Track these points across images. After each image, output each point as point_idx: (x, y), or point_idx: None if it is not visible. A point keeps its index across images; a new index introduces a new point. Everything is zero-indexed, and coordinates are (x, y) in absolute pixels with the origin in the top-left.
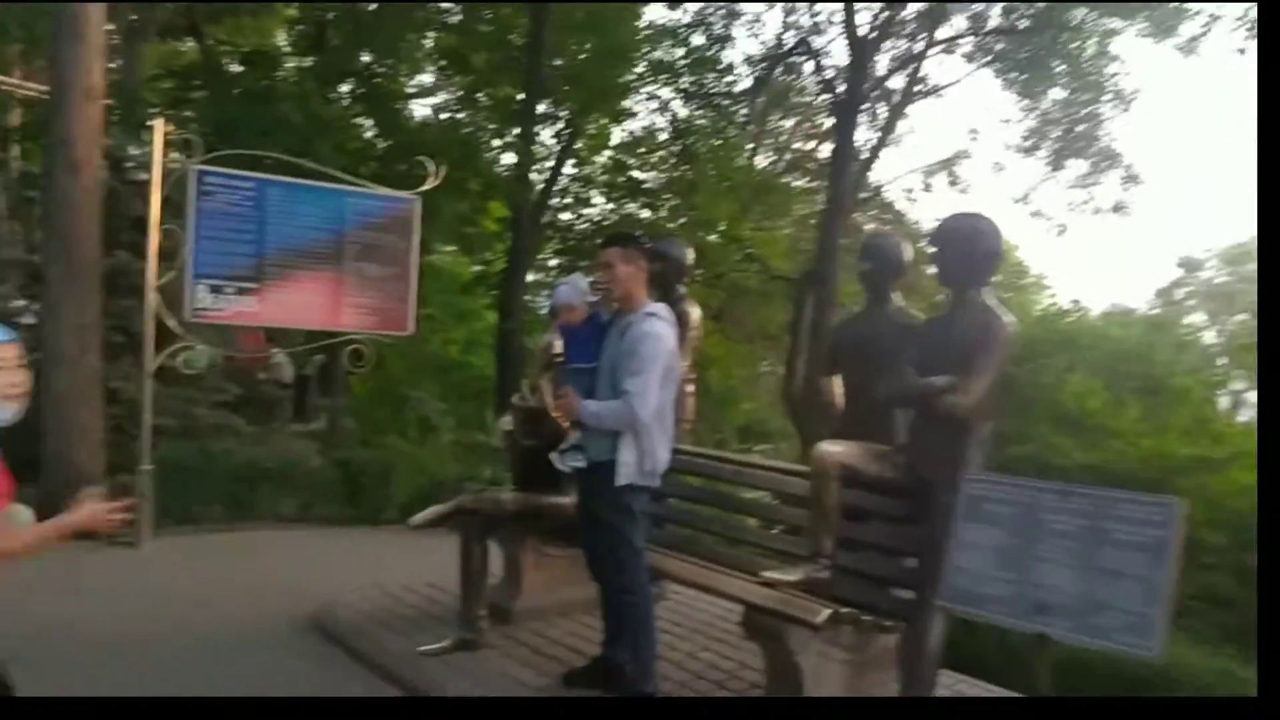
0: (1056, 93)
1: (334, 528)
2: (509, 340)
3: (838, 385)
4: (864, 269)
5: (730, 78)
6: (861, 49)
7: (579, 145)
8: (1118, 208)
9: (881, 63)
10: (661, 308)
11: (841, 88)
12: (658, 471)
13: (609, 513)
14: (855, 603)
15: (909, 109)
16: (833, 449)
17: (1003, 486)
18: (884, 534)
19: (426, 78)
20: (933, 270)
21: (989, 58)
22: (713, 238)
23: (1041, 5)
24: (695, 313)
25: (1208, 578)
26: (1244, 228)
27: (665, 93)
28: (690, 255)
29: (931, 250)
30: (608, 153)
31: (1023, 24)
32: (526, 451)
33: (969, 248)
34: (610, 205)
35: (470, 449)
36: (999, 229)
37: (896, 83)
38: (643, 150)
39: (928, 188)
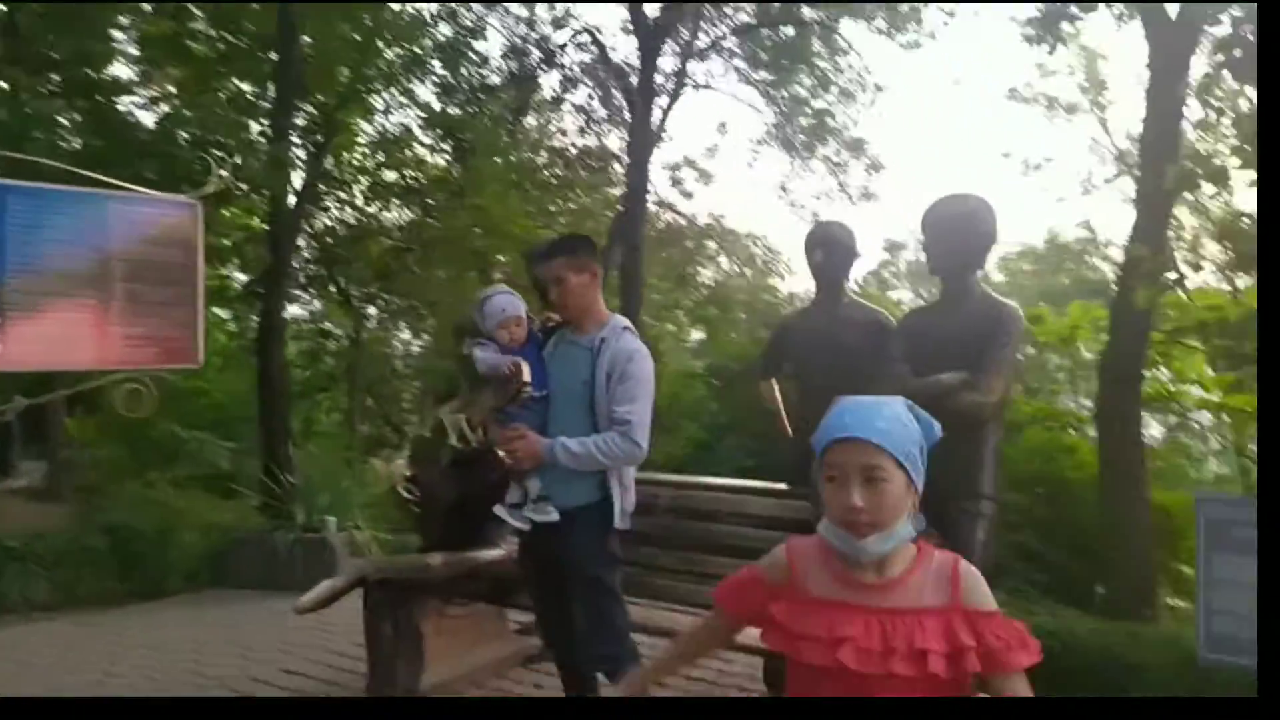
0: (804, 86)
1: (102, 609)
2: (270, 364)
3: (777, 389)
4: (816, 259)
5: (487, 69)
6: (651, 40)
7: (335, 143)
8: (866, 195)
9: (665, 57)
10: (626, 319)
11: (634, 79)
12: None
13: (594, 566)
14: None
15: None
16: None
17: (1248, 506)
18: None
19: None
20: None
21: (739, 54)
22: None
23: (787, 4)
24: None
25: (1015, 537)
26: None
27: (424, 88)
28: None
29: (923, 236)
30: (363, 151)
31: (774, 25)
32: (453, 504)
33: (964, 231)
34: (375, 208)
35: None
36: (993, 209)
37: (667, 77)
38: (406, 148)
39: (676, 182)
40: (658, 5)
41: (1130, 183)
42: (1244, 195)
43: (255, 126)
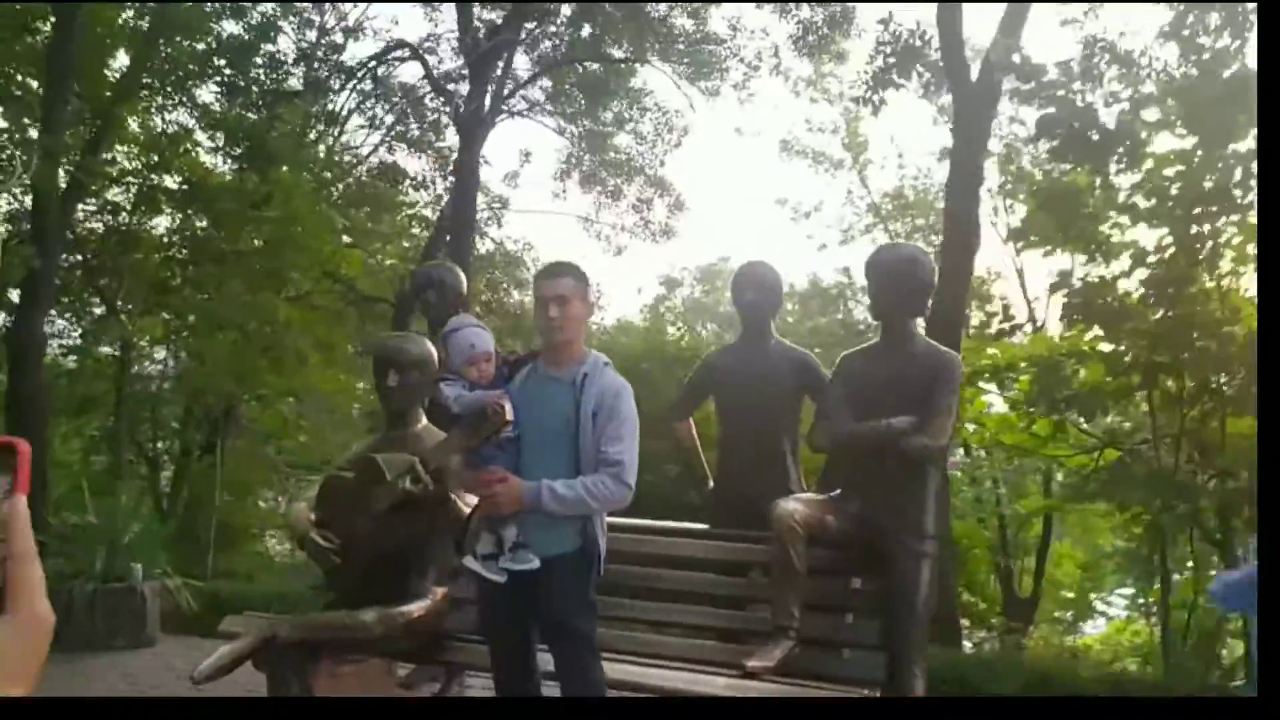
0: (610, 123)
1: None
2: (22, 382)
3: (692, 428)
4: (748, 298)
5: (282, 73)
6: (482, 60)
7: (110, 143)
8: (666, 231)
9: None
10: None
11: (461, 97)
12: None
13: (575, 617)
14: (825, 675)
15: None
16: (795, 506)
17: None
18: (842, 595)
19: None
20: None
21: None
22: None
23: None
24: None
25: None
26: (720, 249)
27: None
28: (464, 279)
29: (867, 282)
30: (135, 150)
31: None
32: (384, 554)
33: (905, 278)
34: (148, 215)
35: None
36: (931, 259)
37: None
38: (185, 150)
39: (503, 204)
40: (488, 23)
41: (883, 233)
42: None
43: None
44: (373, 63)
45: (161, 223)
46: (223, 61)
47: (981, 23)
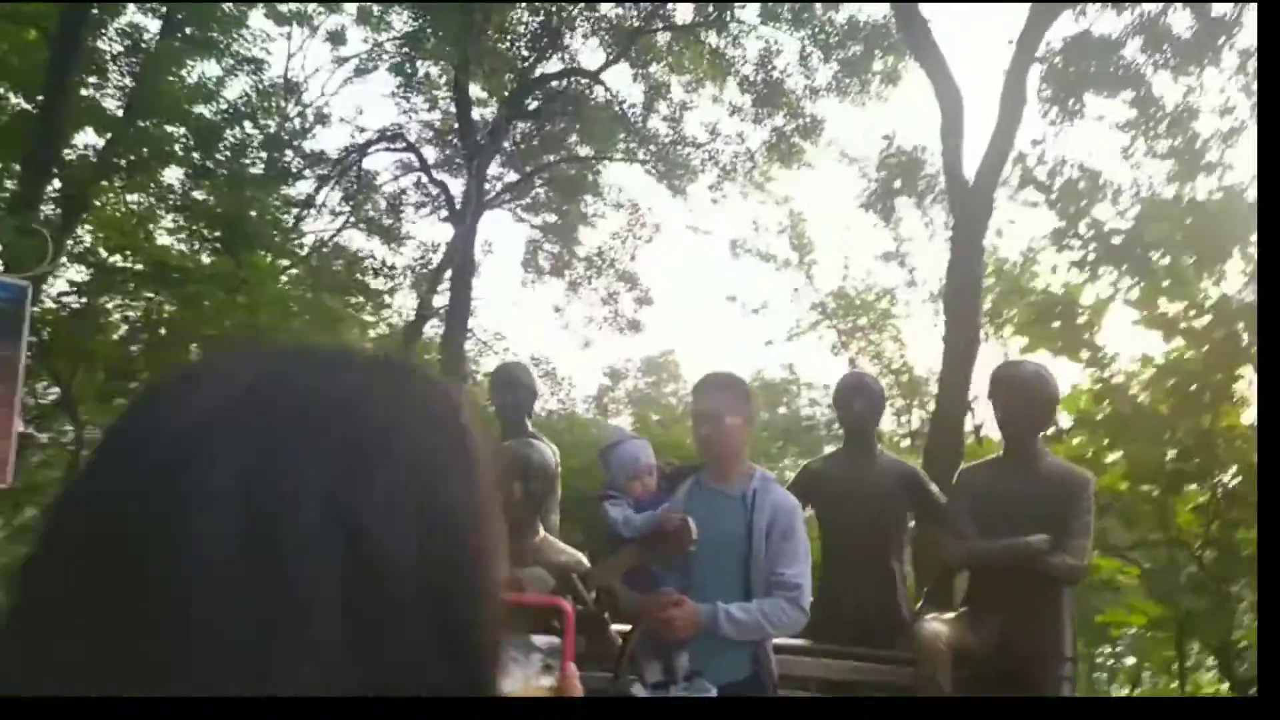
0: (582, 217)
1: None
2: None
3: None
4: (856, 409)
5: (252, 157)
6: (485, 154)
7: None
8: (633, 325)
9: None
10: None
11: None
12: None
13: None
14: None
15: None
16: (940, 628)
17: None
18: None
19: None
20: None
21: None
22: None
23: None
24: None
25: None
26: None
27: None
28: (537, 381)
29: (992, 399)
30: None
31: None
32: None
33: (1032, 394)
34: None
35: None
36: (1053, 375)
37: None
38: (152, 231)
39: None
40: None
41: (827, 330)
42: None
43: None
44: (353, 154)
45: (125, 305)
46: (191, 144)
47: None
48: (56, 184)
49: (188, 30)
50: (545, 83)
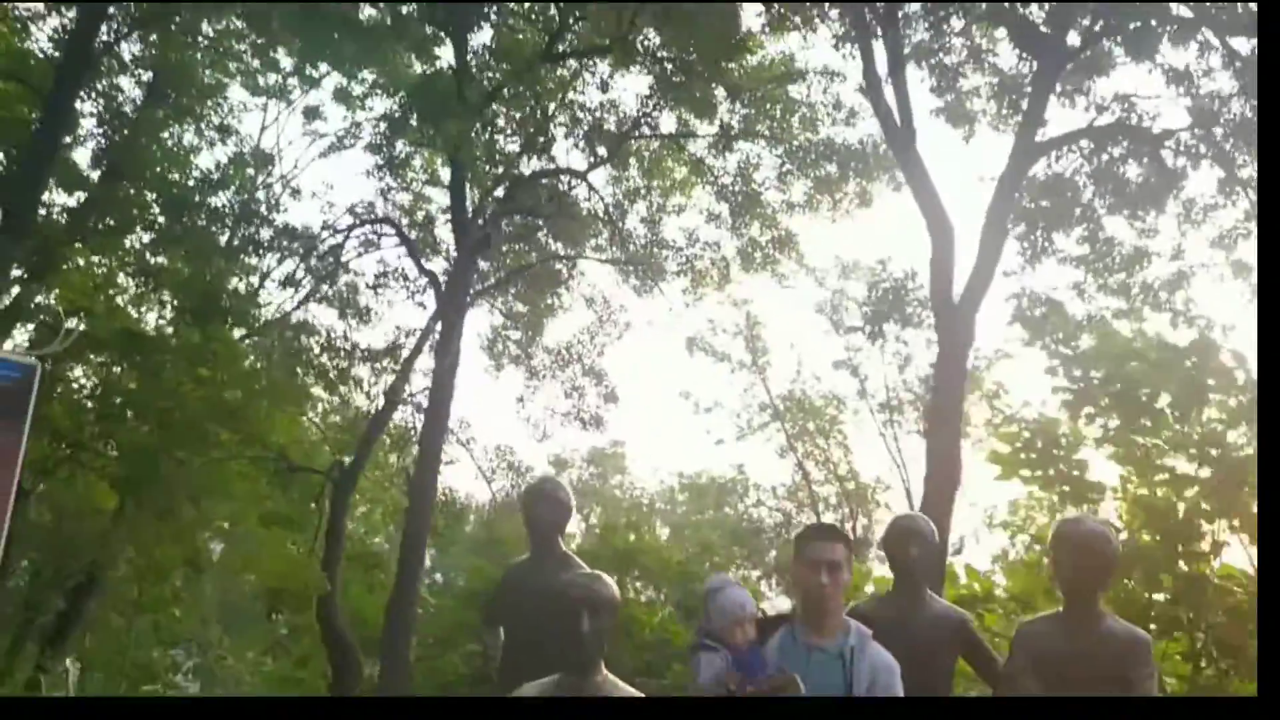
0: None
1: None
2: None
3: None
4: (911, 554)
5: (220, 226)
6: (477, 245)
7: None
8: (596, 420)
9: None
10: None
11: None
12: None
13: None
14: None
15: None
16: None
17: None
18: None
19: None
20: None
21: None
22: None
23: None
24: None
25: None
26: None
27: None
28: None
29: (1055, 554)
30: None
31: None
32: None
33: (1097, 554)
34: (86, 366)
35: None
36: (1114, 531)
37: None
38: (117, 297)
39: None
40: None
41: (777, 432)
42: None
43: None
44: (335, 232)
45: (82, 371)
46: (162, 211)
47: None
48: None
49: (171, 95)
50: (536, 180)
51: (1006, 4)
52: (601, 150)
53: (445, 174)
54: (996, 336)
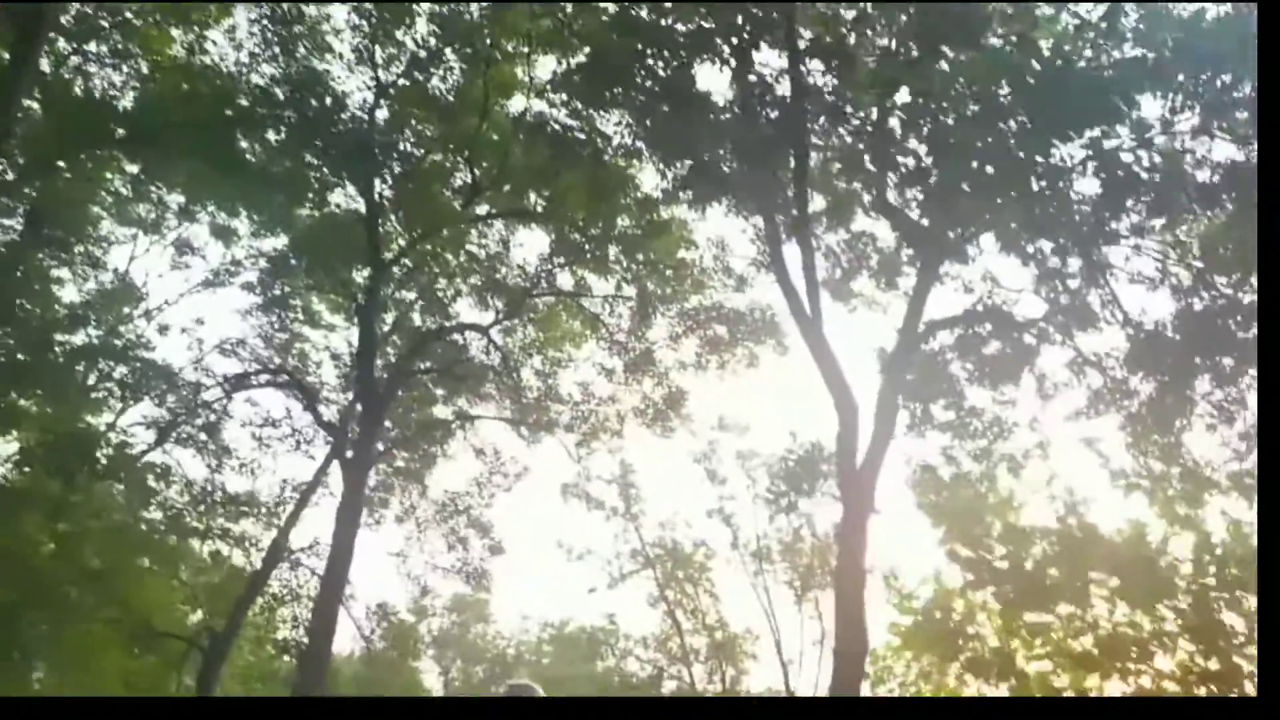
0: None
1: None
2: None
3: None
4: None
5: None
6: (380, 401)
7: None
8: (479, 574)
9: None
10: None
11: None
12: None
13: None
14: None
15: None
16: None
17: None
18: None
19: None
20: None
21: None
22: None
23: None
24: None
25: None
26: None
27: None
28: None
29: None
30: None
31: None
32: None
33: None
34: None
35: None
36: None
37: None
38: None
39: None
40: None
41: (649, 580)
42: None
43: None
44: (207, 376)
45: None
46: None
47: None
48: None
49: (45, 230)
50: (437, 335)
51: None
52: (499, 304)
53: (330, 318)
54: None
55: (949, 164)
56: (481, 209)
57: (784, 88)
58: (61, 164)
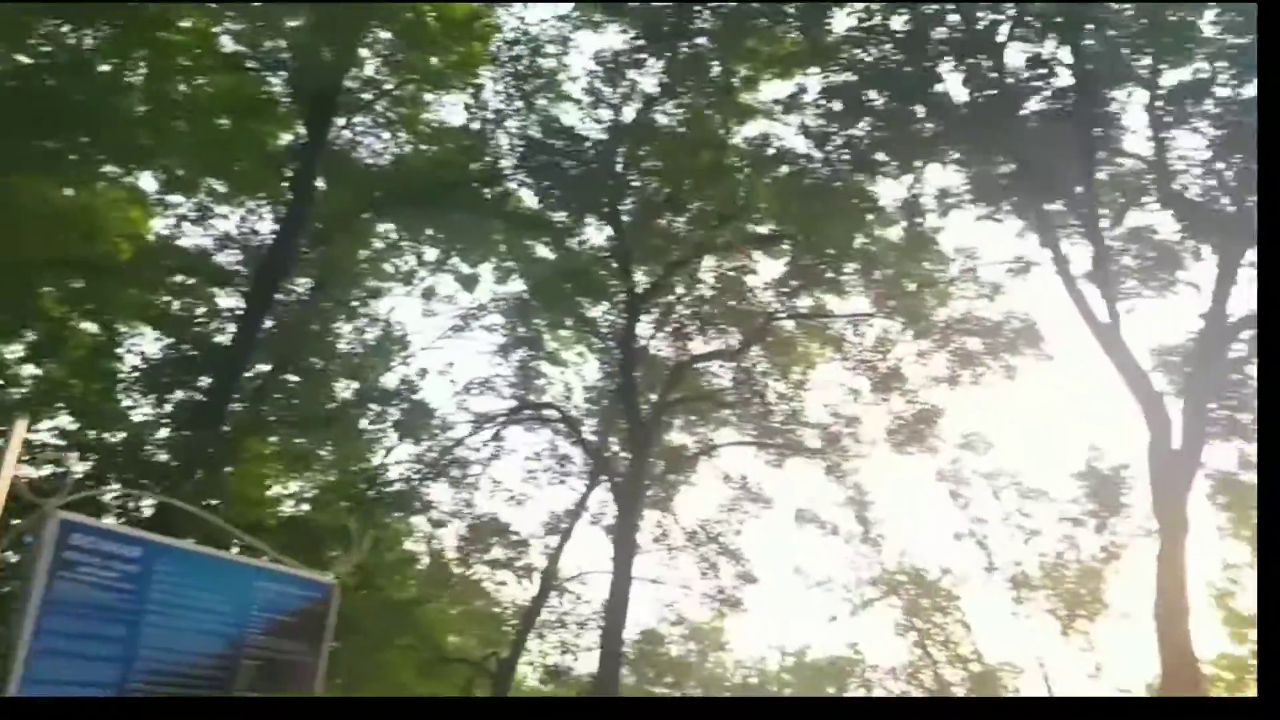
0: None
1: None
2: None
3: None
4: None
5: None
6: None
7: None
8: (733, 602)
9: None
10: None
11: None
12: None
13: None
14: None
15: None
16: None
17: None
18: None
19: None
20: None
21: None
22: None
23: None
24: None
25: None
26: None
27: None
28: None
29: None
30: None
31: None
32: None
33: None
34: None
35: None
36: None
37: None
38: None
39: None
40: None
41: (889, 607)
42: None
43: None
44: (471, 419)
45: None
46: None
47: None
48: None
49: (327, 289)
50: (691, 364)
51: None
52: (740, 331)
53: (571, 355)
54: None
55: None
56: (721, 237)
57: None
58: (350, 227)
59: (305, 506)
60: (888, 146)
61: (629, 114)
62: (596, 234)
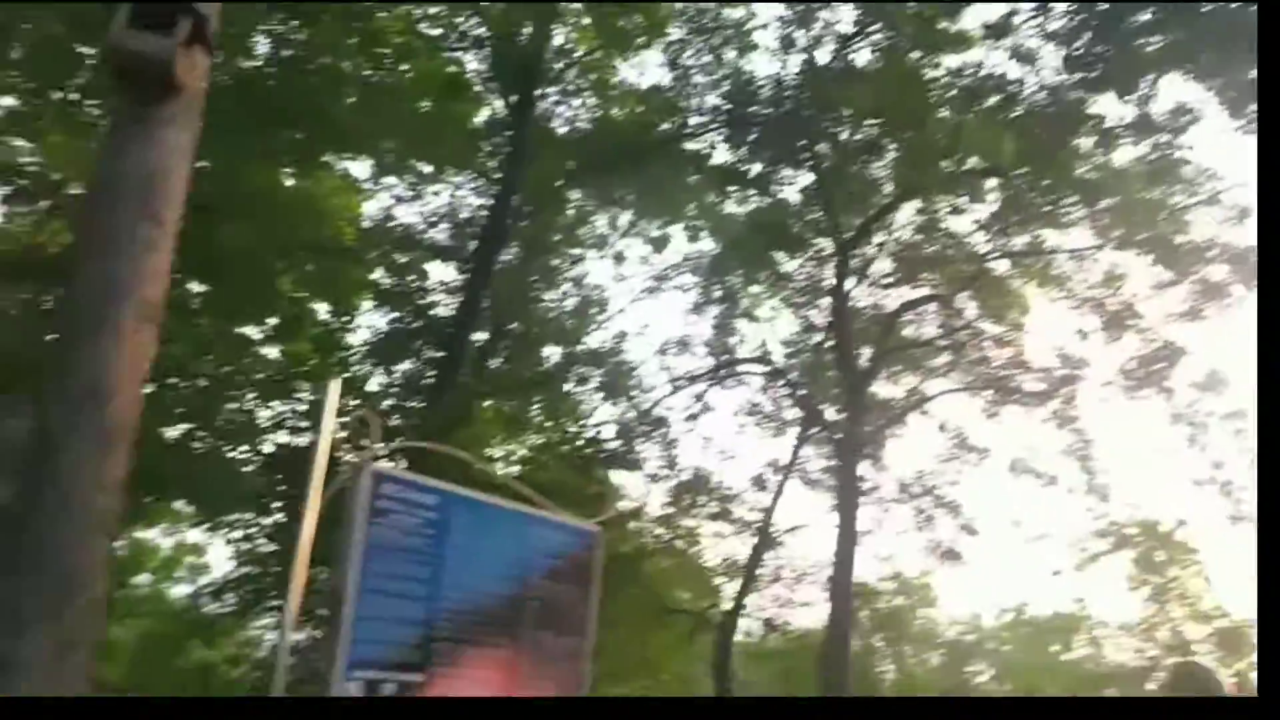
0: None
1: None
2: None
3: None
4: None
5: None
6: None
7: None
8: (953, 555)
9: None
10: None
11: None
12: None
13: None
14: None
15: None
16: None
17: None
18: None
19: None
20: None
21: None
22: None
23: None
24: None
25: None
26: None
27: None
28: None
29: None
30: None
31: None
32: None
33: None
34: None
35: None
36: None
37: None
38: None
39: None
40: None
41: (1123, 559)
42: None
43: None
44: (672, 378)
45: None
46: None
47: None
48: None
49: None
50: (904, 311)
51: None
52: (949, 273)
53: (767, 309)
54: None
55: None
56: (927, 178)
57: None
58: (549, 196)
59: (517, 468)
60: (1113, 61)
61: (822, 57)
62: (792, 186)
